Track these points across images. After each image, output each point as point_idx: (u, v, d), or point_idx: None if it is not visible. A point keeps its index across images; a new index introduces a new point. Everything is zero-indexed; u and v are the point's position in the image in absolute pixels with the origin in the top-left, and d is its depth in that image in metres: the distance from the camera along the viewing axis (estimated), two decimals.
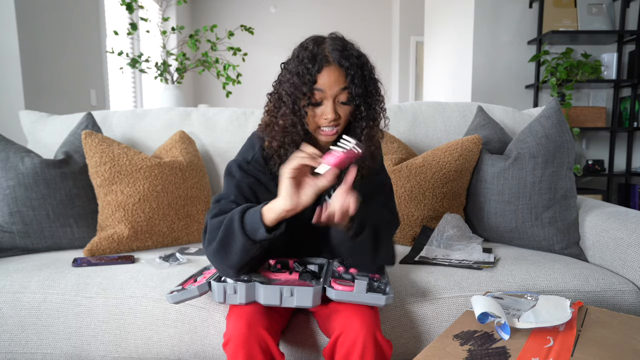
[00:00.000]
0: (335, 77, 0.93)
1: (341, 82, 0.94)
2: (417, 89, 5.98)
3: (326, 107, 0.94)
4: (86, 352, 1.12)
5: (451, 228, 1.41)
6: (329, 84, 0.93)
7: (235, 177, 1.02)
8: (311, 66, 0.92)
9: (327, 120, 0.95)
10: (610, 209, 1.39)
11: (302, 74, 0.92)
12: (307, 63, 0.92)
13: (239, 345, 0.88)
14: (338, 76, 0.93)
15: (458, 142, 1.53)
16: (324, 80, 0.93)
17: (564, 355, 0.72)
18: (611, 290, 1.16)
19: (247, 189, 1.00)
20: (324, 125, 0.96)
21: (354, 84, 0.94)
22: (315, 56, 0.93)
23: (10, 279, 1.17)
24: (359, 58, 0.96)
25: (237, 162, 1.03)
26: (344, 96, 0.95)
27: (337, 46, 0.94)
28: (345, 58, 0.93)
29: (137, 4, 2.84)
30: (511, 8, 3.24)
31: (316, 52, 0.93)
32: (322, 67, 0.92)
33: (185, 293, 0.95)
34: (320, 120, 0.96)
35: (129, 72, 4.35)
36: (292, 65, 0.95)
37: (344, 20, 6.23)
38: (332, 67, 0.93)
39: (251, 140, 1.07)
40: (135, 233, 1.42)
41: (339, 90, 0.94)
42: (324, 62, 0.93)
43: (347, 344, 0.90)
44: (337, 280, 0.99)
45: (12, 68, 2.41)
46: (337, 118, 0.96)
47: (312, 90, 0.93)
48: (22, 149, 1.48)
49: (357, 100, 0.95)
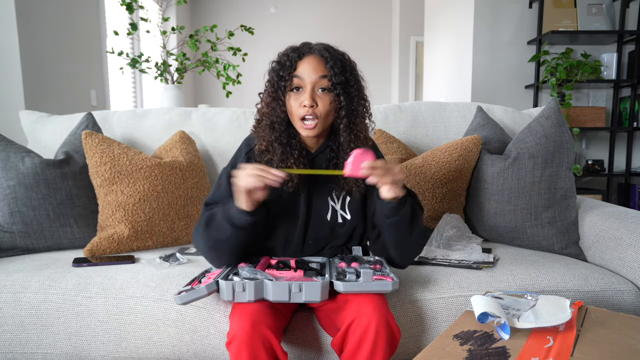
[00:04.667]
0: (314, 65, 0.98)
1: (321, 69, 0.99)
2: (417, 89, 5.98)
3: (304, 94, 0.99)
4: (86, 352, 1.12)
5: (451, 228, 1.41)
6: (308, 71, 0.98)
7: (222, 185, 1.09)
8: (293, 55, 0.99)
9: (305, 107, 0.98)
10: (610, 209, 1.39)
11: (283, 61, 0.99)
12: (290, 53, 1.00)
13: (243, 344, 0.89)
14: (318, 64, 0.99)
15: (458, 142, 1.53)
16: (303, 67, 0.99)
17: (563, 355, 0.72)
18: (611, 290, 1.16)
19: (229, 195, 1.05)
20: (303, 114, 0.99)
21: (334, 72, 0.98)
22: (298, 48, 1.01)
23: (11, 279, 1.17)
24: (342, 55, 1.02)
25: (227, 170, 1.10)
26: (324, 83, 0.99)
27: (321, 44, 1.02)
28: (327, 50, 1.00)
29: (137, 4, 2.84)
30: (511, 8, 3.24)
31: (300, 46, 1.02)
32: (304, 54, 0.99)
33: (193, 293, 0.96)
34: (300, 110, 1.00)
35: (129, 72, 4.34)
36: (277, 58, 1.03)
37: (344, 20, 6.23)
38: (313, 55, 1.00)
39: (240, 147, 1.14)
40: (135, 233, 1.42)
41: (318, 78, 0.99)
42: (306, 51, 1.00)
43: (360, 329, 0.91)
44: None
45: (12, 68, 2.41)
46: (313, 105, 0.99)
47: (290, 75, 0.98)
48: (23, 149, 1.48)
49: (338, 90, 0.99)
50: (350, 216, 1.11)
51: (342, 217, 1.11)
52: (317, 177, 1.09)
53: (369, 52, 6.18)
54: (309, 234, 1.12)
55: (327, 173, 1.05)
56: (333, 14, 6.22)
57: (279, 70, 0.99)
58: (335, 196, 1.11)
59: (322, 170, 1.07)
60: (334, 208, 1.11)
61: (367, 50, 6.17)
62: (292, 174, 1.03)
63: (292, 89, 1.01)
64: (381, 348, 0.91)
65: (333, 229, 1.12)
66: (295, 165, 1.03)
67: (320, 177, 1.08)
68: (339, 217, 1.11)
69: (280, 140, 1.03)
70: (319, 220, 1.10)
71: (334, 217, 1.11)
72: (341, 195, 1.11)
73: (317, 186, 1.10)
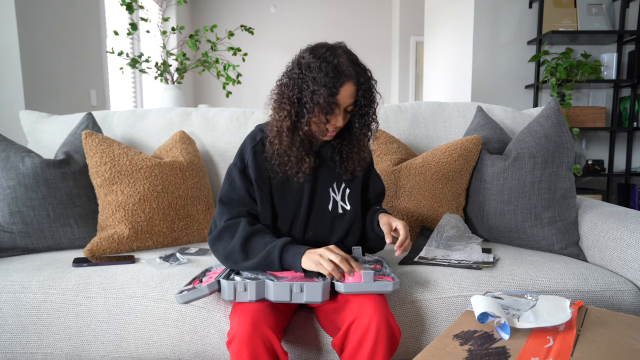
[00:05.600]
0: (350, 92, 1.02)
1: (353, 95, 1.03)
2: (417, 89, 5.98)
3: (337, 117, 1.04)
4: (86, 352, 1.12)
5: (450, 228, 1.41)
6: (345, 97, 1.02)
7: (237, 184, 1.11)
8: (335, 80, 0.99)
9: (337, 128, 1.06)
10: (610, 208, 1.39)
11: (328, 85, 0.98)
12: (332, 76, 0.99)
13: (244, 343, 0.89)
14: (353, 91, 1.02)
15: (458, 142, 1.53)
16: (342, 94, 1.01)
17: (563, 355, 0.72)
18: (611, 290, 1.16)
19: (246, 194, 1.11)
20: (332, 131, 1.07)
21: (364, 97, 1.04)
22: (336, 69, 0.99)
23: (11, 279, 1.17)
24: (366, 72, 1.05)
25: (236, 167, 1.13)
26: (351, 107, 1.05)
27: (352, 60, 1.02)
28: (361, 74, 1.03)
29: (137, 4, 2.84)
30: (511, 8, 3.24)
31: (336, 64, 1.00)
32: (344, 82, 1.00)
33: (195, 292, 0.96)
34: (329, 126, 1.06)
35: (129, 72, 4.35)
36: (315, 74, 0.99)
37: (344, 20, 6.23)
38: (351, 82, 1.01)
39: (245, 142, 1.15)
40: (135, 233, 1.42)
41: (350, 103, 1.04)
42: (346, 78, 1.00)
43: (360, 329, 0.92)
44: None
45: (12, 68, 2.41)
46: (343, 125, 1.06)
47: (333, 102, 1.01)
48: (23, 149, 1.48)
49: (362, 110, 1.06)
50: (350, 207, 1.16)
51: (342, 207, 1.16)
52: (321, 168, 1.14)
53: (369, 52, 6.19)
54: (310, 224, 1.14)
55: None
56: (333, 14, 6.22)
57: (327, 97, 0.99)
58: (336, 187, 1.16)
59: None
60: (335, 199, 1.16)
61: (367, 51, 6.18)
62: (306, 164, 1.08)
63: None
64: (382, 348, 0.91)
65: (333, 220, 1.15)
66: (307, 157, 1.08)
67: (323, 168, 1.14)
68: (339, 207, 1.16)
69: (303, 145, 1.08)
70: (320, 210, 1.15)
71: (334, 208, 1.15)
72: (342, 187, 1.16)
73: (320, 177, 1.15)
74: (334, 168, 1.15)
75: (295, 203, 1.13)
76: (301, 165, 1.08)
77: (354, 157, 1.12)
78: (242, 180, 1.10)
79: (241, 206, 1.10)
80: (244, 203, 1.10)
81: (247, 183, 1.11)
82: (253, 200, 1.11)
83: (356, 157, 1.13)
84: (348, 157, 1.12)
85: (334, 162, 1.14)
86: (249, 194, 1.11)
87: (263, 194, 1.11)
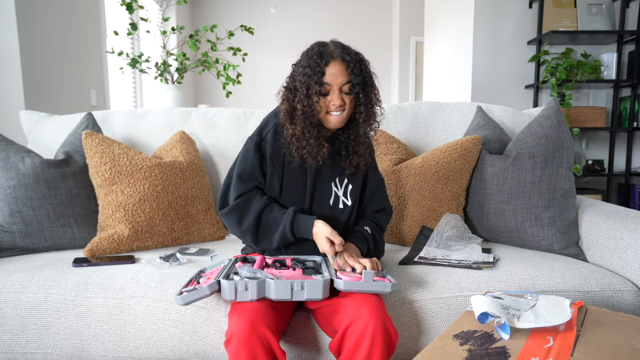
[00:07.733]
0: (339, 70, 1.09)
1: (344, 74, 1.09)
2: (417, 89, 5.98)
3: (333, 96, 1.10)
4: (86, 352, 1.12)
5: (450, 228, 1.41)
6: (335, 75, 1.08)
7: (250, 155, 1.17)
8: (319, 60, 1.09)
9: (335, 106, 1.10)
10: (610, 208, 1.39)
11: (312, 66, 1.09)
12: (316, 58, 1.09)
13: (241, 342, 0.89)
14: (341, 69, 1.09)
15: (458, 142, 1.53)
16: (330, 72, 1.08)
17: (563, 355, 0.72)
18: (611, 290, 1.16)
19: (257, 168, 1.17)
20: (332, 111, 1.11)
21: (354, 74, 1.10)
22: (321, 53, 1.10)
23: (11, 279, 1.17)
24: (357, 54, 1.13)
25: (253, 139, 1.18)
26: (347, 87, 1.10)
27: (338, 45, 1.12)
28: (346, 54, 1.10)
29: (137, 4, 2.84)
30: (511, 8, 3.24)
31: (322, 50, 1.10)
32: (329, 61, 1.09)
33: (196, 293, 0.96)
34: (329, 107, 1.11)
35: (129, 72, 4.34)
36: (303, 62, 1.11)
37: (344, 20, 6.22)
38: (337, 60, 1.09)
39: (268, 117, 1.21)
40: (135, 233, 1.42)
41: (343, 81, 1.09)
42: (330, 57, 1.09)
43: (356, 332, 0.92)
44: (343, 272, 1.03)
45: (12, 68, 2.41)
46: (342, 104, 1.11)
47: (321, 82, 1.08)
48: (23, 149, 1.48)
49: (357, 88, 1.11)
50: (350, 202, 1.20)
51: (343, 203, 1.19)
52: (325, 163, 1.18)
53: (369, 52, 6.18)
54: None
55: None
56: (333, 14, 6.22)
57: (312, 75, 1.09)
58: (338, 182, 1.19)
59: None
60: (337, 194, 1.19)
61: (367, 51, 6.16)
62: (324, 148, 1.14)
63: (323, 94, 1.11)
64: (378, 351, 0.91)
65: (333, 214, 1.18)
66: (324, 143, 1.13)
67: (327, 162, 1.18)
68: (340, 203, 1.19)
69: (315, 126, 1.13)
70: (321, 204, 1.18)
71: (335, 202, 1.19)
72: (344, 182, 1.20)
73: (323, 171, 1.17)
74: (339, 162, 1.19)
75: (297, 195, 1.17)
76: (320, 150, 1.12)
77: (359, 150, 1.17)
78: (255, 153, 1.16)
79: (251, 180, 1.16)
80: (254, 177, 1.16)
81: (260, 156, 1.16)
82: (262, 174, 1.17)
83: (361, 149, 1.17)
84: (354, 151, 1.17)
85: (339, 155, 1.19)
86: (259, 168, 1.16)
87: (274, 170, 1.15)
